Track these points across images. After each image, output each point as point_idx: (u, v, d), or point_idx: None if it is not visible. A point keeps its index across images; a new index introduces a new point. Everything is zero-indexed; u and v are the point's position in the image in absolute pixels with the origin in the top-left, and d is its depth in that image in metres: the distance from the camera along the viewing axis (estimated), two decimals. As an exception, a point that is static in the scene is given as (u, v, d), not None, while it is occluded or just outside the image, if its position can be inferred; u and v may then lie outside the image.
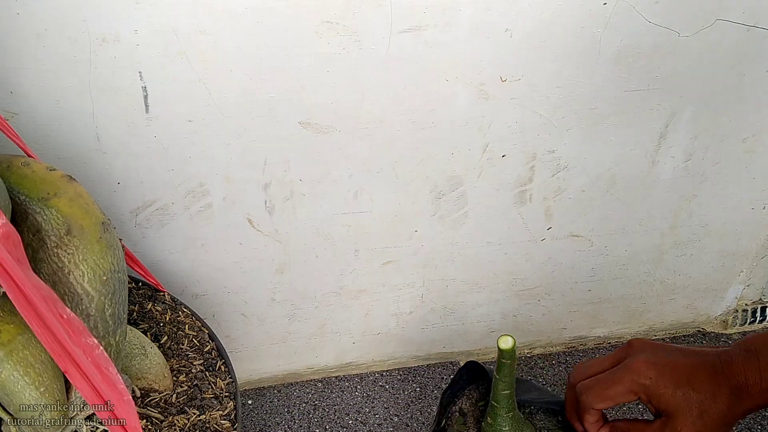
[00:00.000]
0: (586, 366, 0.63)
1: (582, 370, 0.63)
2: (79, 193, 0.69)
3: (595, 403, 0.60)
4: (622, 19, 0.92)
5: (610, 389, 0.58)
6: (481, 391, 0.75)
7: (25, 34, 0.80)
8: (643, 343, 0.60)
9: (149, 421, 0.78)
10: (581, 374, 0.62)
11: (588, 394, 0.60)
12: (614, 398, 0.58)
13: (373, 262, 1.17)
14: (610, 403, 0.59)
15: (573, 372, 0.64)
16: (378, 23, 0.86)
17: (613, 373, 0.59)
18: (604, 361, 0.61)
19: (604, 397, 0.59)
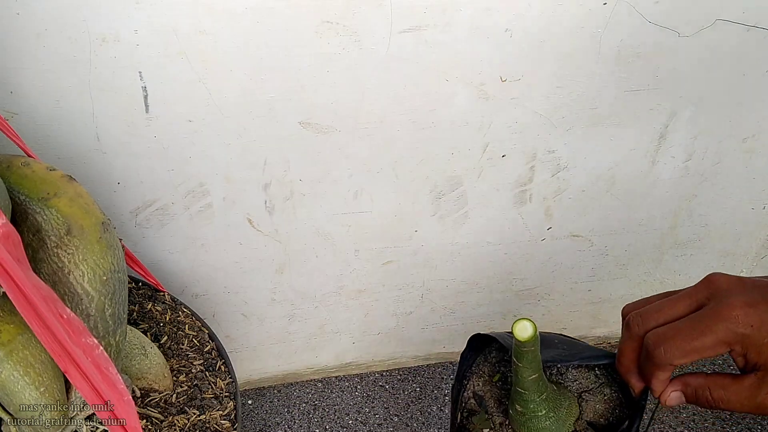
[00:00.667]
0: (652, 310, 0.50)
1: (650, 315, 0.50)
2: (79, 193, 0.69)
3: (675, 358, 0.47)
4: (622, 19, 0.92)
5: (697, 340, 0.46)
6: (492, 361, 0.64)
7: (25, 34, 0.80)
8: (728, 280, 0.48)
9: (149, 421, 0.78)
10: (649, 320, 0.50)
11: (666, 347, 0.47)
12: (701, 351, 0.46)
13: (373, 262, 1.17)
14: (695, 357, 0.47)
15: (634, 316, 0.51)
16: (378, 23, 0.86)
17: (699, 320, 0.47)
18: (677, 304, 0.49)
19: (688, 350, 0.46)
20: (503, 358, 0.62)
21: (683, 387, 0.50)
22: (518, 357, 0.53)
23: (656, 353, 0.48)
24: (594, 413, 0.58)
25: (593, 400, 0.59)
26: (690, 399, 0.50)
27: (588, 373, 0.60)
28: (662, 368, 0.49)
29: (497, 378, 0.62)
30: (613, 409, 0.59)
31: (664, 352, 0.47)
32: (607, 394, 0.59)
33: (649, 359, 0.49)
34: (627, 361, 0.53)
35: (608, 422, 0.58)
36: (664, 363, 0.48)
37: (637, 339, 0.50)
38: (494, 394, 0.61)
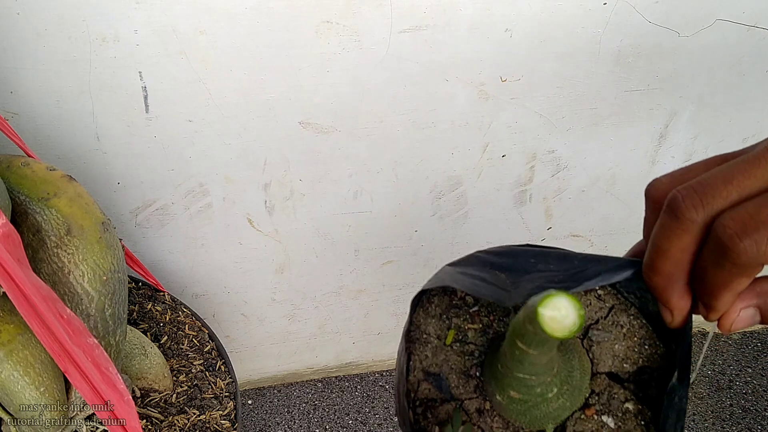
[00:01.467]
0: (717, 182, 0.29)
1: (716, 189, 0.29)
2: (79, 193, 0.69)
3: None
4: (622, 19, 0.92)
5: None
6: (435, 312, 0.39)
7: (25, 34, 0.80)
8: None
9: (149, 421, 0.78)
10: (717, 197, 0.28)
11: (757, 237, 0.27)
12: None
13: (373, 262, 1.17)
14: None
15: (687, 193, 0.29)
16: (378, 23, 0.86)
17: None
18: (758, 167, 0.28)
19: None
20: (451, 302, 0.38)
21: (758, 299, 0.32)
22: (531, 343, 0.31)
23: (741, 248, 0.28)
24: (613, 359, 0.37)
25: (606, 340, 0.38)
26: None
27: (585, 297, 0.38)
28: (747, 272, 0.29)
29: (451, 338, 0.38)
30: (640, 346, 0.37)
31: (756, 245, 0.27)
32: (625, 324, 0.37)
33: (726, 259, 0.29)
34: (673, 268, 0.31)
35: (638, 368, 0.36)
36: (754, 263, 0.28)
37: (695, 230, 0.29)
38: (455, 365, 0.37)
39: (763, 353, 1.42)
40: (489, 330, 0.37)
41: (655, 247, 0.31)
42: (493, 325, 0.37)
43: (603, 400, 0.35)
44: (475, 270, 0.36)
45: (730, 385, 1.36)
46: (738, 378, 1.37)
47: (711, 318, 0.32)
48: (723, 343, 1.45)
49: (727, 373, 1.38)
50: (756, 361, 1.41)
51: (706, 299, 0.31)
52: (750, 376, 1.38)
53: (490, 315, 0.37)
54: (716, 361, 1.41)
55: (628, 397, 0.34)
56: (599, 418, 0.35)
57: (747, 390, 1.35)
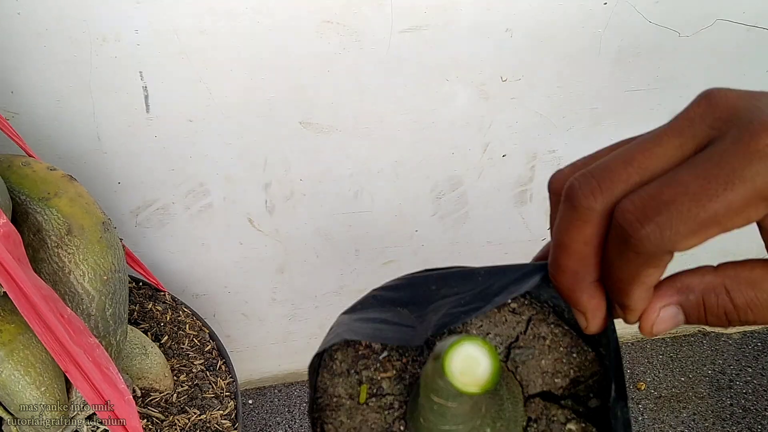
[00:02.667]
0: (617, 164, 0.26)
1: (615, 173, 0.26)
2: (79, 193, 0.70)
3: (680, 238, 0.24)
4: (622, 19, 0.92)
5: (718, 199, 0.24)
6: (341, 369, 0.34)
7: (25, 34, 0.80)
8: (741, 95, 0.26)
9: (150, 420, 0.78)
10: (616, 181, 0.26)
11: (662, 220, 0.24)
12: (725, 220, 0.24)
13: (374, 261, 1.17)
14: (714, 232, 0.24)
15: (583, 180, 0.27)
16: (378, 23, 0.86)
17: (715, 164, 0.24)
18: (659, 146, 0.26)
19: (704, 221, 0.24)
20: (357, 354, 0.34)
21: (679, 296, 0.28)
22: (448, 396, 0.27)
23: (643, 234, 0.25)
24: (543, 377, 0.33)
25: (531, 357, 0.33)
26: (693, 315, 0.28)
27: (499, 314, 0.34)
28: (654, 262, 0.26)
29: (365, 394, 0.33)
30: (567, 355, 0.33)
31: (659, 230, 0.25)
32: (547, 335, 0.33)
33: (629, 248, 0.26)
34: (577, 264, 0.28)
35: (572, 380, 0.32)
36: (660, 251, 0.25)
37: (596, 219, 0.26)
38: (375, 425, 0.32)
39: (763, 353, 1.42)
40: (405, 375, 0.32)
41: (557, 243, 0.28)
42: (408, 368, 0.32)
43: (542, 426, 0.31)
44: (374, 312, 0.32)
45: (731, 385, 1.36)
46: (738, 378, 1.37)
47: (630, 319, 0.28)
48: (723, 343, 1.45)
49: (727, 372, 1.38)
50: (756, 360, 1.41)
51: (617, 297, 0.28)
52: (750, 375, 1.38)
53: (402, 358, 0.33)
54: (716, 361, 1.41)
55: (568, 416, 0.31)
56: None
57: (747, 389, 1.35)
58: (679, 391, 1.35)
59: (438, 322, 0.30)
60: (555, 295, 0.33)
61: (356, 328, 0.32)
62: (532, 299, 0.34)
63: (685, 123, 0.26)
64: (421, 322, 0.30)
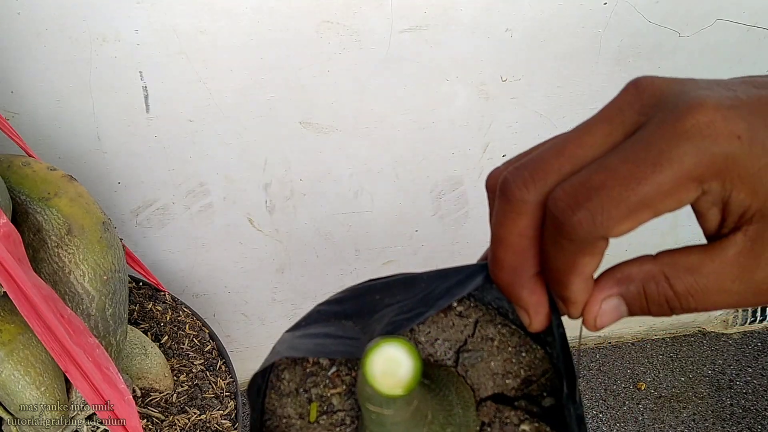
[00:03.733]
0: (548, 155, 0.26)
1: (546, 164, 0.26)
2: (79, 193, 0.70)
3: (612, 223, 0.25)
4: (623, 19, 0.92)
5: (647, 181, 0.24)
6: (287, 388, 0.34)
7: (25, 34, 0.80)
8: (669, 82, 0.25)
9: (150, 420, 0.78)
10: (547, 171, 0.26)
11: (593, 205, 0.24)
12: (655, 203, 0.24)
13: (374, 261, 1.17)
14: (646, 216, 0.25)
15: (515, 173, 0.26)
16: (378, 23, 0.86)
17: (644, 146, 0.24)
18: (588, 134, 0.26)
19: (635, 204, 0.24)
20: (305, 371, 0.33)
21: (620, 287, 0.28)
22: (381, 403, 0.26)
23: (575, 221, 0.25)
24: (494, 379, 0.33)
25: (480, 359, 0.33)
26: (635, 306, 0.28)
27: (446, 319, 0.34)
28: (589, 249, 0.26)
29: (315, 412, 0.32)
30: (517, 355, 0.33)
31: (591, 215, 0.25)
32: (494, 335, 0.33)
33: (563, 236, 0.26)
34: (514, 258, 0.27)
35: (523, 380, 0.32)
36: (593, 237, 0.25)
37: (530, 210, 0.27)
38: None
39: (763, 353, 1.42)
40: (354, 389, 0.31)
41: (494, 238, 0.27)
42: None
43: (496, 429, 0.30)
44: (317, 327, 0.32)
45: (731, 385, 1.36)
46: (738, 378, 1.37)
47: (572, 313, 0.28)
48: (723, 343, 1.45)
49: (727, 372, 1.38)
50: (756, 360, 1.41)
51: (557, 289, 0.28)
52: (750, 375, 1.38)
53: (351, 372, 0.32)
54: (716, 361, 1.41)
55: (521, 417, 0.30)
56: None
57: (747, 389, 1.35)
58: (679, 391, 1.35)
59: (382, 331, 0.29)
60: (499, 296, 0.32)
61: (298, 345, 0.31)
62: (477, 302, 0.33)
63: (614, 111, 0.26)
64: (365, 332, 0.30)
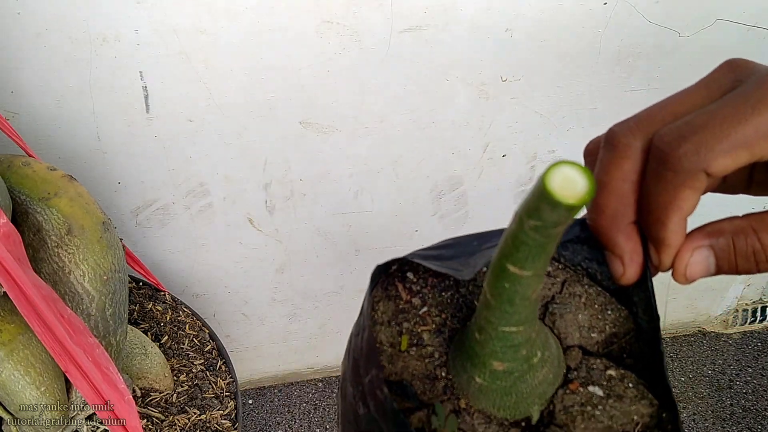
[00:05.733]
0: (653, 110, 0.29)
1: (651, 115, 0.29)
2: (79, 193, 0.70)
3: (712, 157, 0.26)
4: (622, 19, 0.92)
5: (745, 125, 0.25)
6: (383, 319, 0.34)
7: (25, 34, 0.80)
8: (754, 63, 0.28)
9: (150, 420, 0.78)
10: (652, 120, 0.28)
11: (695, 141, 0.26)
12: (752, 143, 0.25)
13: (374, 261, 1.17)
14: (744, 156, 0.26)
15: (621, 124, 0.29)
16: (378, 23, 0.86)
17: (742, 96, 0.26)
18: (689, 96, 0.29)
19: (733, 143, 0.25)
20: (398, 308, 0.35)
21: (712, 239, 0.29)
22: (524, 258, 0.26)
23: (679, 154, 0.26)
24: (580, 330, 0.34)
25: (568, 312, 0.34)
26: (725, 259, 0.29)
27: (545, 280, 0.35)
28: (689, 180, 0.26)
29: (405, 343, 0.34)
30: (602, 312, 0.34)
31: (694, 148, 0.26)
32: (582, 293, 0.34)
33: (668, 168, 0.27)
34: (614, 201, 0.29)
35: (606, 337, 0.33)
36: (695, 168, 0.26)
37: (634, 154, 0.28)
38: (416, 371, 0.32)
39: (763, 353, 1.42)
40: (444, 329, 0.33)
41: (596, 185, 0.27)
42: (448, 324, 0.33)
43: (583, 373, 0.32)
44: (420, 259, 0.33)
45: (731, 385, 1.36)
46: (738, 377, 1.37)
47: (664, 260, 0.29)
48: (723, 343, 1.45)
49: (727, 372, 1.38)
50: (756, 360, 1.41)
51: (654, 230, 0.28)
52: (750, 375, 1.38)
53: (441, 314, 0.34)
54: (716, 361, 1.41)
55: (606, 365, 0.32)
56: (585, 389, 0.31)
57: (747, 389, 1.35)
58: (679, 391, 1.35)
59: (485, 264, 0.31)
60: (589, 257, 0.34)
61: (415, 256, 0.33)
62: (567, 263, 0.35)
63: (711, 79, 0.29)
64: (467, 267, 0.32)
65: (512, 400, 0.31)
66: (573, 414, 0.30)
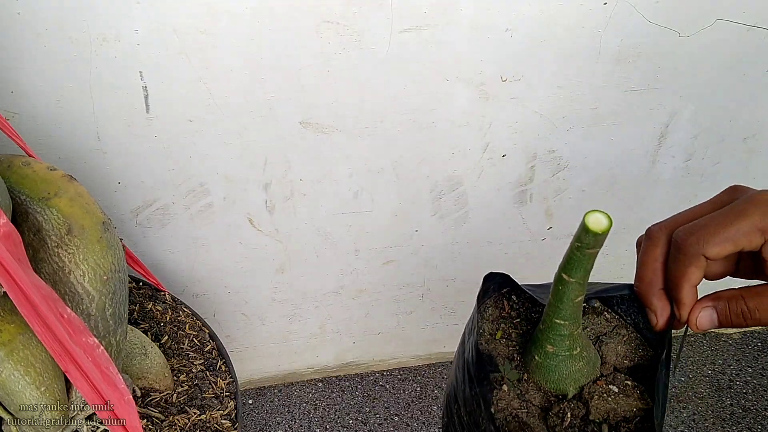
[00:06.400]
0: (675, 217, 0.47)
1: (673, 219, 0.47)
2: (79, 193, 0.70)
3: (708, 246, 0.43)
4: (622, 19, 0.92)
5: (732, 226, 0.42)
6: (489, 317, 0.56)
7: (25, 34, 0.80)
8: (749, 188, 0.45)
9: (150, 420, 0.78)
10: (674, 222, 0.46)
11: (698, 235, 0.43)
12: (736, 239, 0.42)
13: (374, 261, 1.17)
14: (730, 247, 0.43)
15: (654, 225, 0.47)
16: (378, 23, 0.86)
17: (732, 208, 0.43)
18: (701, 207, 0.46)
19: (723, 238, 0.43)
20: (501, 315, 0.56)
21: (714, 302, 0.45)
22: (571, 268, 0.46)
23: (687, 243, 0.43)
24: (616, 356, 0.53)
25: (612, 343, 0.53)
26: (723, 316, 0.45)
27: (598, 318, 0.55)
28: (694, 261, 0.44)
29: (500, 335, 0.55)
30: (635, 349, 0.53)
31: (696, 240, 0.43)
32: (625, 335, 0.53)
33: (680, 253, 0.44)
34: (649, 274, 0.47)
35: (634, 364, 0.51)
36: (697, 253, 0.43)
37: (662, 243, 0.46)
38: (501, 352, 0.53)
39: (763, 353, 1.42)
40: (527, 334, 0.53)
41: (638, 263, 0.47)
42: (530, 331, 0.53)
43: (609, 378, 0.50)
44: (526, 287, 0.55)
45: (731, 385, 1.36)
46: (738, 378, 1.37)
47: (682, 314, 0.45)
48: (723, 343, 1.45)
49: (727, 372, 1.38)
50: (756, 360, 1.41)
51: (674, 294, 0.46)
52: (750, 375, 1.38)
53: (528, 325, 0.54)
54: (716, 361, 1.41)
55: (626, 378, 0.50)
56: (607, 386, 0.50)
57: (747, 389, 1.35)
58: (679, 391, 1.35)
59: None
60: (635, 312, 0.52)
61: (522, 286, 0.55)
62: (620, 314, 0.54)
63: (717, 197, 0.46)
64: None
65: (555, 377, 0.50)
66: (593, 395, 0.49)
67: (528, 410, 0.51)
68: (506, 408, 0.51)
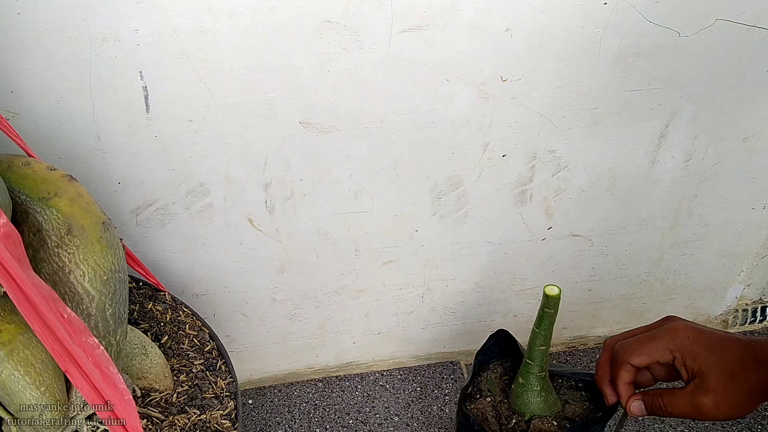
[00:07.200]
0: (623, 333, 0.71)
1: (620, 335, 0.70)
2: (79, 193, 0.70)
3: (632, 357, 0.65)
4: (622, 19, 0.92)
5: (648, 345, 0.64)
6: (505, 367, 0.89)
7: (25, 34, 0.80)
8: (681, 320, 0.66)
9: (150, 420, 0.78)
10: (618, 337, 0.70)
11: (625, 349, 0.66)
12: (651, 354, 0.64)
13: (374, 261, 1.17)
14: (646, 359, 0.64)
15: (610, 337, 0.72)
16: (378, 23, 0.86)
17: (652, 332, 0.66)
18: (641, 329, 0.69)
19: (641, 352, 0.64)
20: (512, 369, 0.89)
21: (644, 396, 0.67)
22: (538, 320, 0.76)
23: (618, 354, 0.67)
24: (573, 413, 0.82)
25: (574, 405, 0.83)
26: (648, 406, 0.66)
27: (575, 392, 0.85)
28: (623, 366, 0.67)
29: (506, 378, 0.88)
30: (588, 413, 0.82)
31: (624, 352, 0.66)
32: (587, 406, 0.83)
33: (615, 360, 0.68)
34: (601, 371, 0.71)
35: (583, 421, 0.80)
36: (624, 361, 0.66)
37: (608, 351, 0.71)
38: (500, 386, 0.87)
39: (763, 353, 1.42)
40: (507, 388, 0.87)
41: (596, 363, 0.73)
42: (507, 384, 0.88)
43: (556, 419, 0.81)
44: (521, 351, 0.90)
45: (731, 385, 1.36)
46: (738, 378, 1.37)
47: (621, 401, 0.69)
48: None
49: (727, 372, 1.38)
50: (756, 360, 1.41)
51: (616, 387, 0.69)
52: (750, 375, 1.37)
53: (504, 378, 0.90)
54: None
55: (567, 423, 0.81)
56: (551, 420, 0.81)
57: (747, 390, 1.35)
58: (679, 391, 1.34)
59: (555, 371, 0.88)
60: (594, 391, 0.85)
61: None
62: (592, 394, 0.85)
63: (653, 323, 0.70)
64: None
65: (519, 401, 0.81)
66: (538, 421, 0.81)
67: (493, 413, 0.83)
68: (480, 408, 0.84)
